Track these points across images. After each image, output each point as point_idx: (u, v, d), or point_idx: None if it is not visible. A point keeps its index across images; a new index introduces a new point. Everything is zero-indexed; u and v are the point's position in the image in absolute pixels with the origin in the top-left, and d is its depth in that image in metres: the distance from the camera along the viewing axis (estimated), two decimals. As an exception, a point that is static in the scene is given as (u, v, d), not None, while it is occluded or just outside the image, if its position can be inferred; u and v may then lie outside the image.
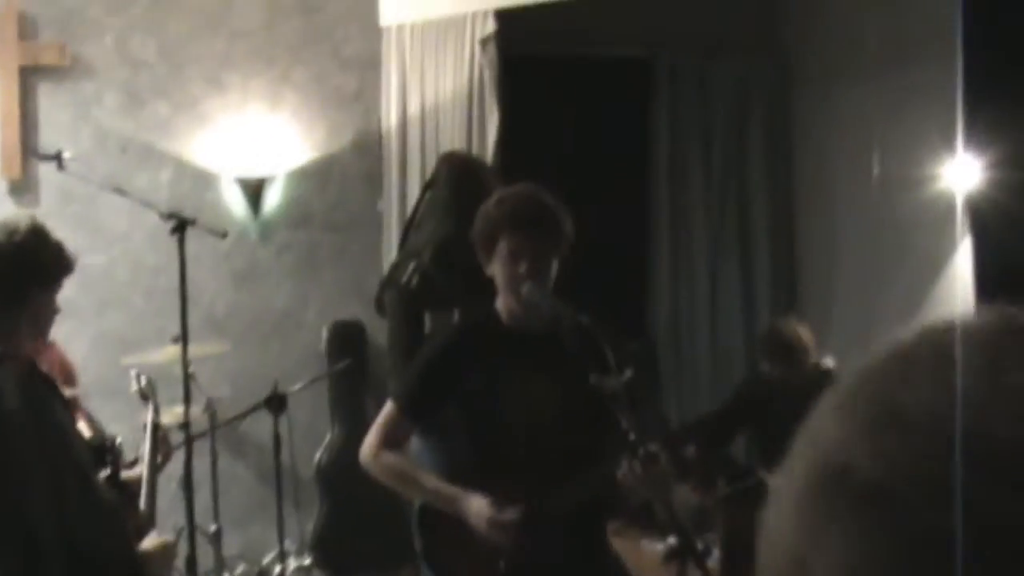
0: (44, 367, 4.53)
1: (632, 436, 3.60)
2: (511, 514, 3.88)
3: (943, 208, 7.40)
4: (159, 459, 4.96)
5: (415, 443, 4.84)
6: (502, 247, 3.94)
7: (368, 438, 4.14)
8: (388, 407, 4.16)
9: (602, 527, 4.24)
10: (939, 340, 0.85)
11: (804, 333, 6.53)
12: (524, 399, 3.94)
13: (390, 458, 4.09)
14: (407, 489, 4.20)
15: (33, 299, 4.12)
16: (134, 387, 5.40)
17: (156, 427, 5.02)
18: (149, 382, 5.38)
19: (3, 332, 4.05)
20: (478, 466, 4.02)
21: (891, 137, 7.71)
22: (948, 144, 7.22)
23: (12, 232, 4.12)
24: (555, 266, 3.98)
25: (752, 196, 8.93)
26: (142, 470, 4.87)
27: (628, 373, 3.68)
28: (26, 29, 7.48)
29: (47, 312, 4.22)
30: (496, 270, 3.99)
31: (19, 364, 4.02)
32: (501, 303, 4.06)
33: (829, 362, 6.44)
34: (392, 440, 4.12)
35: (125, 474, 4.79)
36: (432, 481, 4.09)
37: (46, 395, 4.10)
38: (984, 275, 6.78)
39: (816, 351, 6.52)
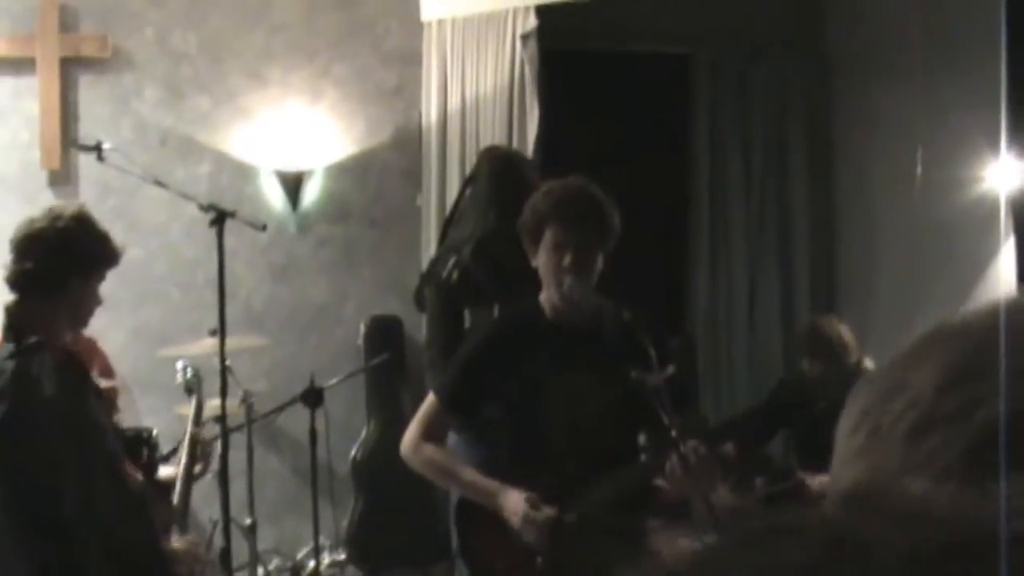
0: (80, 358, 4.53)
1: (673, 433, 3.57)
2: (546, 512, 3.86)
3: (986, 210, 7.35)
4: (196, 470, 4.99)
5: (451, 437, 4.82)
6: (548, 238, 3.92)
7: (409, 431, 4.13)
8: (429, 400, 4.15)
9: (641, 524, 4.20)
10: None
11: (845, 331, 6.47)
12: (566, 394, 3.92)
13: (430, 451, 4.08)
14: (446, 482, 4.18)
15: (73, 288, 4.14)
16: (179, 379, 5.42)
17: (195, 440, 5.04)
18: (196, 374, 5.40)
19: (42, 320, 4.06)
20: (518, 460, 4.00)
21: (934, 138, 7.66)
22: (992, 145, 7.17)
23: (56, 219, 4.14)
24: (600, 260, 3.95)
25: (792, 195, 8.88)
26: (177, 472, 4.88)
27: (670, 369, 3.65)
28: (67, 21, 7.50)
29: (88, 302, 4.23)
30: (541, 261, 3.98)
31: (56, 352, 4.03)
32: (544, 296, 4.04)
33: (869, 363, 6.38)
34: (433, 433, 4.11)
35: (162, 473, 4.80)
36: (471, 475, 4.07)
37: (80, 385, 4.11)
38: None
39: (857, 350, 6.46)
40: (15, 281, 4.13)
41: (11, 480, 3.86)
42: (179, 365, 5.41)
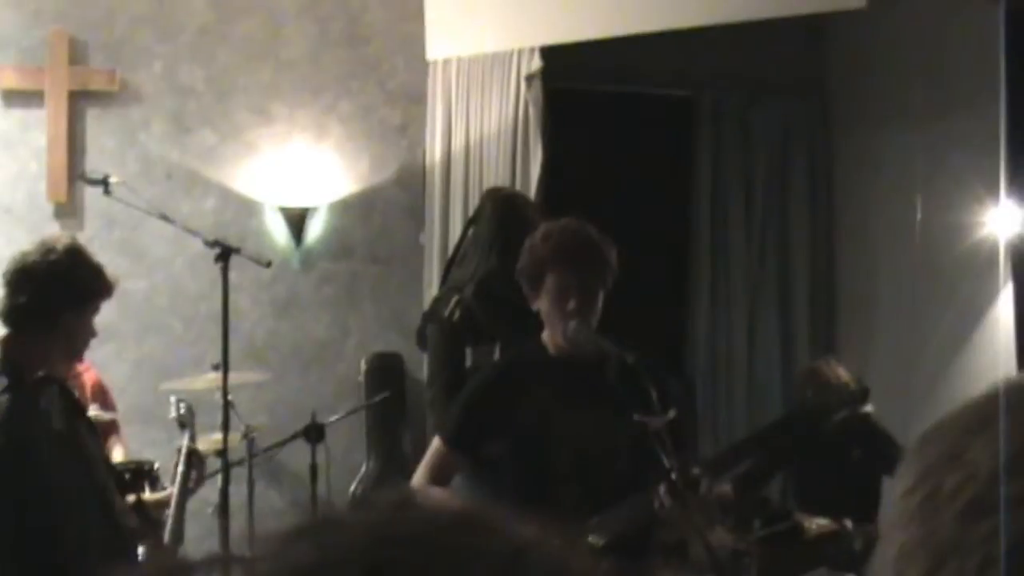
0: (77, 390, 4.55)
1: (673, 475, 3.59)
2: None
3: (985, 254, 7.38)
4: (192, 483, 4.97)
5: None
6: (549, 282, 3.94)
7: (415, 476, 4.11)
8: (435, 443, 4.14)
9: (640, 564, 4.21)
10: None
11: (843, 373, 6.49)
12: (570, 433, 3.93)
13: (437, 494, 4.07)
14: None
15: (67, 321, 4.13)
16: (173, 413, 5.43)
17: (191, 452, 5.03)
18: (189, 409, 5.41)
19: (37, 353, 4.06)
20: (521, 500, 4.00)
21: (934, 183, 7.70)
22: (991, 190, 7.21)
23: (48, 251, 4.12)
24: (601, 299, 3.98)
25: (792, 238, 8.91)
26: (171, 492, 4.88)
27: (672, 413, 3.67)
28: (76, 54, 7.55)
29: (83, 334, 4.22)
30: (543, 305, 3.99)
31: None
32: (548, 337, 4.05)
33: (868, 407, 6.39)
34: (440, 476, 4.09)
35: (151, 495, 4.79)
36: None
37: (74, 418, 4.12)
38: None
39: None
40: (9, 315, 4.13)
41: (8, 512, 3.86)
42: (172, 399, 5.43)
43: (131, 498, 4.44)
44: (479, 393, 4.16)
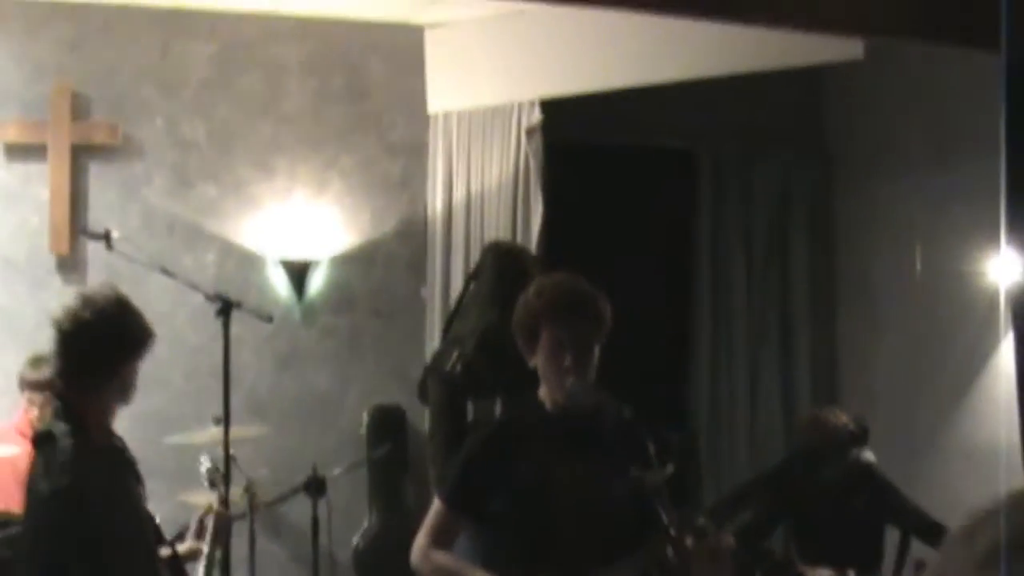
0: None
1: (672, 531, 3.58)
2: None
3: (986, 303, 7.39)
4: (218, 551, 5.08)
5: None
6: (544, 339, 3.92)
7: (417, 539, 4.06)
8: (435, 505, 4.10)
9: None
10: None
11: (845, 419, 6.47)
12: (570, 489, 3.90)
13: (441, 558, 4.02)
14: None
15: (122, 371, 4.30)
16: (203, 470, 5.49)
17: (222, 517, 5.09)
18: (216, 468, 5.48)
19: (93, 403, 4.25)
20: (523, 557, 3.97)
21: (934, 233, 7.72)
22: (991, 239, 7.22)
23: (100, 307, 4.25)
24: (597, 353, 3.97)
25: (793, 289, 8.91)
26: (200, 547, 4.98)
27: (669, 468, 3.66)
28: (79, 109, 7.58)
29: (133, 381, 4.37)
30: (539, 361, 3.97)
31: (107, 435, 4.35)
32: (544, 392, 4.03)
33: (870, 456, 6.39)
34: (442, 538, 4.04)
35: (183, 548, 4.92)
36: None
37: (129, 469, 4.45)
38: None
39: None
40: (67, 373, 4.27)
41: (64, 550, 3.98)
42: (203, 459, 5.53)
43: (166, 550, 4.55)
44: (476, 452, 4.13)
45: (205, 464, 5.59)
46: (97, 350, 4.21)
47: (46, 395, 6.42)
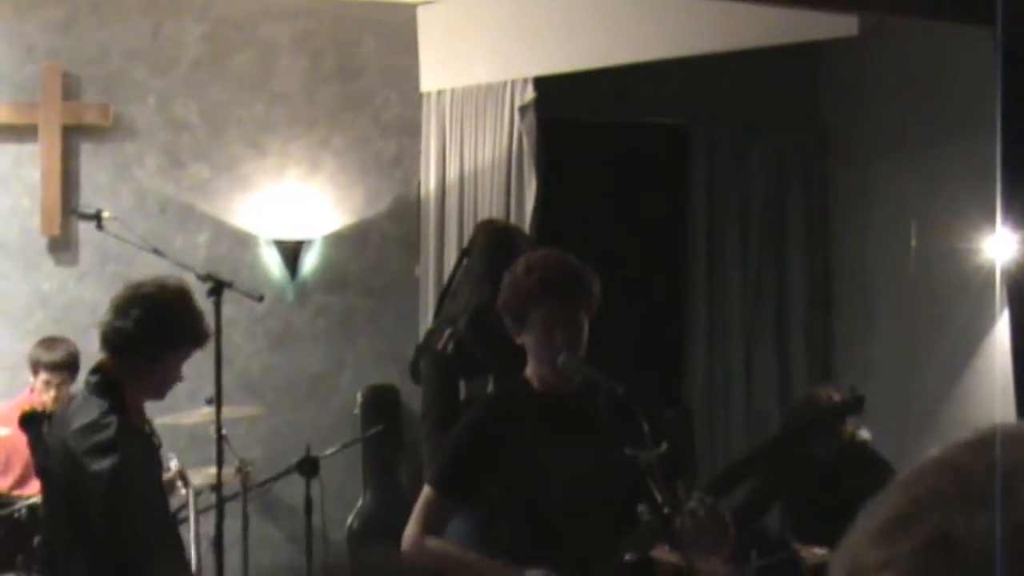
0: None
1: (667, 510, 3.56)
2: None
3: (981, 282, 7.36)
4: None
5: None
6: (535, 316, 3.88)
7: (408, 527, 4.01)
8: (425, 491, 4.06)
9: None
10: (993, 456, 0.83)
11: (840, 396, 6.44)
12: (561, 468, 3.87)
13: (434, 544, 3.98)
14: (457, 572, 4.08)
15: (163, 360, 4.33)
16: (169, 473, 5.54)
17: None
18: (181, 472, 5.59)
19: (128, 383, 4.29)
20: (517, 537, 3.94)
21: (929, 210, 7.69)
22: (987, 217, 7.19)
23: (162, 288, 4.33)
24: (586, 330, 3.93)
25: (788, 266, 8.89)
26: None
27: (664, 446, 3.63)
28: (70, 89, 7.55)
29: (172, 377, 4.42)
30: (528, 339, 3.93)
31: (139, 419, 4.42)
32: (532, 371, 3.99)
33: (865, 434, 6.37)
34: (433, 525, 4.00)
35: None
36: (483, 561, 3.96)
37: (158, 452, 4.62)
38: (1023, 349, 6.72)
39: (853, 421, 6.44)
40: (111, 338, 4.28)
41: (110, 525, 4.08)
42: (171, 463, 5.58)
43: None
44: (464, 438, 4.09)
45: (174, 468, 5.64)
46: (143, 325, 4.22)
47: (64, 375, 6.43)
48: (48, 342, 6.58)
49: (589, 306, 3.92)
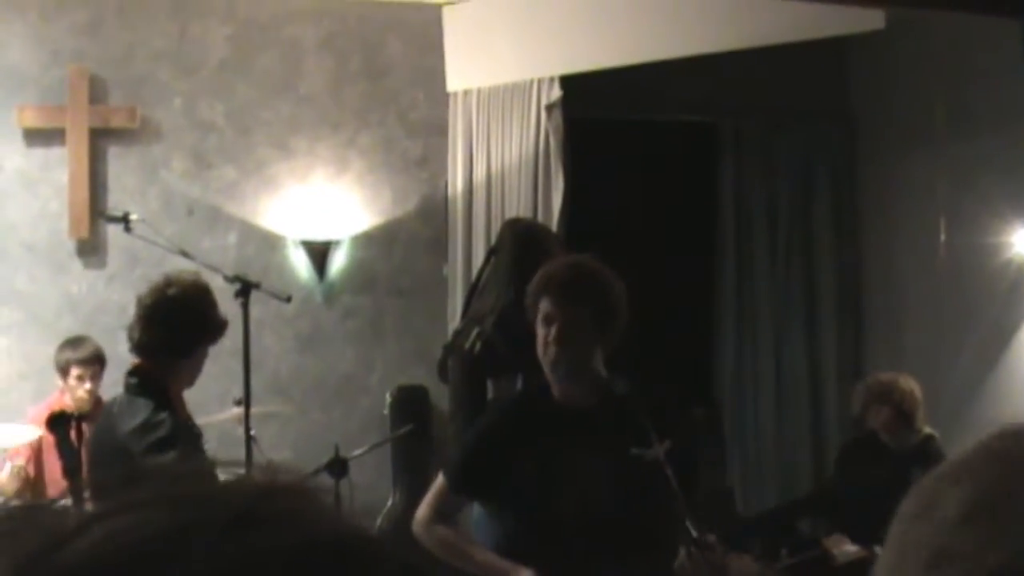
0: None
1: (694, 533, 3.54)
2: None
3: (1011, 275, 7.33)
4: None
5: (475, 508, 4.80)
6: (536, 314, 3.89)
7: (420, 509, 4.09)
8: (439, 480, 4.11)
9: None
10: None
11: (916, 388, 6.36)
12: (576, 475, 3.85)
13: (441, 530, 4.03)
14: (458, 562, 4.11)
15: (197, 353, 4.47)
16: None
17: None
18: None
19: (167, 380, 4.40)
20: (531, 541, 3.95)
21: (959, 204, 7.66)
22: (1017, 211, 7.16)
23: (186, 287, 4.42)
24: (595, 338, 3.87)
25: (818, 262, 8.87)
26: None
27: (667, 444, 3.62)
28: (97, 92, 7.56)
29: (202, 365, 4.56)
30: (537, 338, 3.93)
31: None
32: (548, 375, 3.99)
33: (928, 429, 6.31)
34: (443, 513, 4.06)
35: None
36: (483, 555, 4.00)
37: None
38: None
39: (923, 418, 6.37)
40: (147, 347, 4.38)
41: None
42: None
43: None
44: (480, 438, 4.12)
45: None
46: (178, 328, 4.33)
47: (95, 368, 6.46)
48: (73, 341, 6.60)
49: (596, 311, 3.85)
